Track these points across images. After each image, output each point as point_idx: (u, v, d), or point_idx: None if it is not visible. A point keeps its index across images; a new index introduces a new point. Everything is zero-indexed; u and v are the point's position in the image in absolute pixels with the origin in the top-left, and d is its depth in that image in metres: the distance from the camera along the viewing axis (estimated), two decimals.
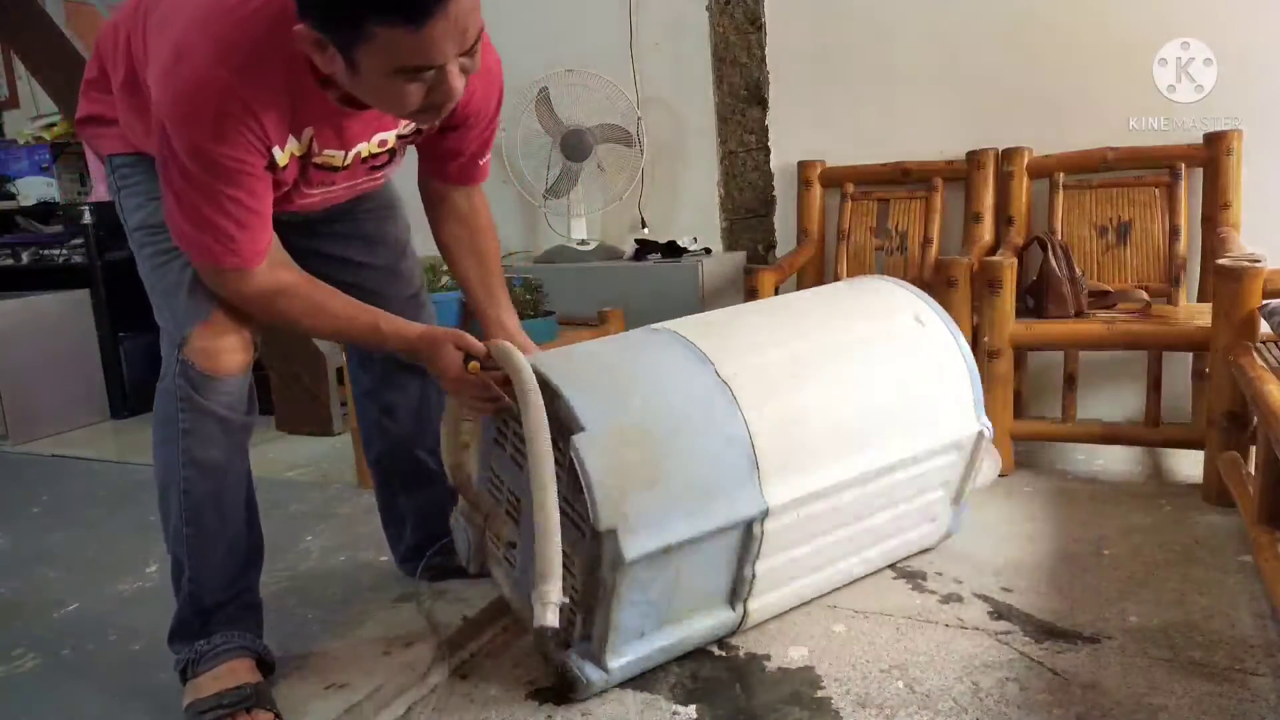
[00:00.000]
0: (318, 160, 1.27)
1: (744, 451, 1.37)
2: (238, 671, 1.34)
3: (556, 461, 1.34)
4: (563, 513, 1.35)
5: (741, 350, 1.47)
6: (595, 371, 1.42)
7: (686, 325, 1.53)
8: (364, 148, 1.32)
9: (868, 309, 1.66)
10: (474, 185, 1.53)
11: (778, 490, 1.39)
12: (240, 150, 1.16)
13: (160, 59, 1.14)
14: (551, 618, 1.19)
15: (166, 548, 1.40)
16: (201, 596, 1.37)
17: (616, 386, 1.38)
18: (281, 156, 1.21)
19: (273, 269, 1.27)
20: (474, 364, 1.35)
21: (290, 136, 1.21)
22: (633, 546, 1.25)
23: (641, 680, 1.41)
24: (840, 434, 1.47)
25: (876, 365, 1.55)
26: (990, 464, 1.79)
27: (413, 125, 1.35)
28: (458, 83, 1.12)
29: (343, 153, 1.29)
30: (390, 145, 1.35)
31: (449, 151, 1.45)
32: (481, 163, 1.50)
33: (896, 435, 1.52)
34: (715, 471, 1.35)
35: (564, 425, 1.29)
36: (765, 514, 1.38)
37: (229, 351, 1.33)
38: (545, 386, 1.31)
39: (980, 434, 1.62)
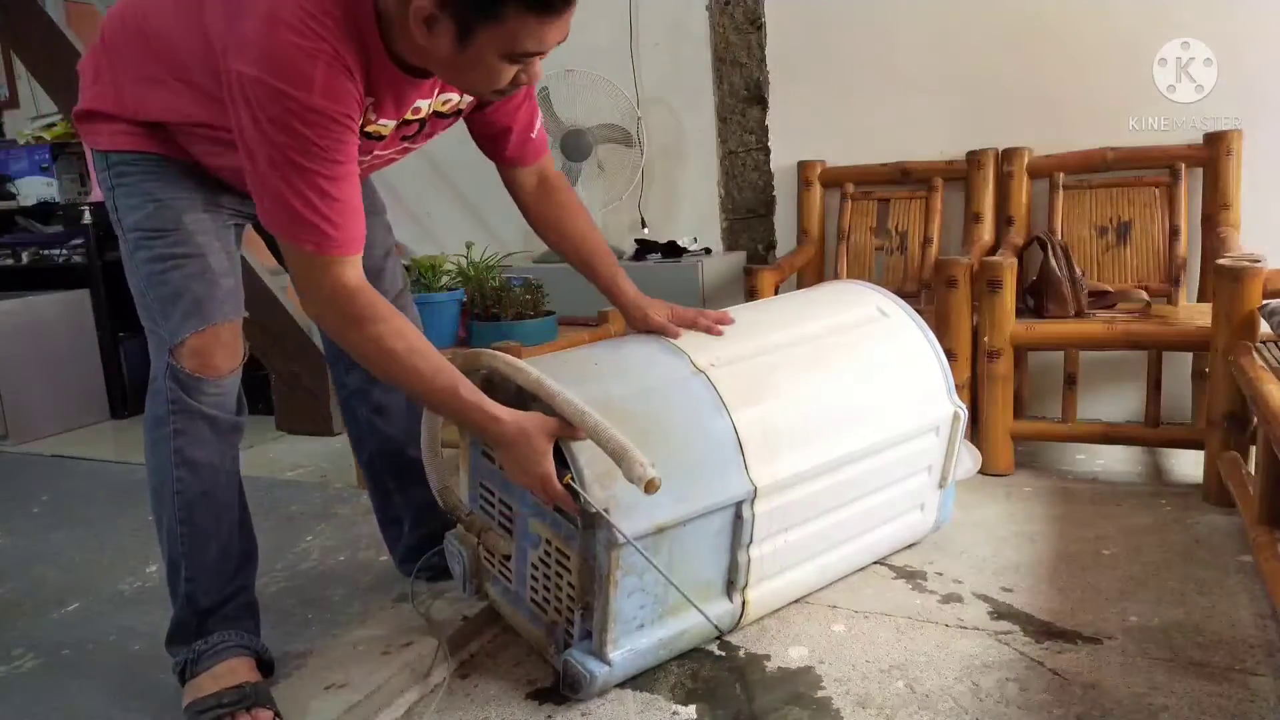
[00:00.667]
0: (369, 130, 1.28)
1: (728, 435, 1.40)
2: (237, 671, 1.34)
3: None
4: (554, 507, 1.36)
5: (714, 343, 1.52)
6: (574, 364, 1.46)
7: None
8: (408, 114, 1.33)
9: (833, 304, 1.73)
10: (539, 160, 1.54)
11: (764, 472, 1.41)
12: (348, 105, 1.15)
13: (250, 34, 1.12)
14: (653, 471, 1.17)
15: (161, 551, 1.40)
16: (198, 597, 1.37)
17: (597, 375, 1.41)
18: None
19: (363, 274, 1.24)
20: (568, 477, 1.27)
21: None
22: (625, 527, 1.26)
23: (641, 680, 1.41)
24: (821, 416, 1.50)
25: (848, 351, 1.61)
26: (969, 458, 1.86)
27: (453, 102, 1.36)
28: (539, 69, 1.21)
29: (393, 121, 1.30)
30: (423, 115, 1.35)
31: (500, 129, 1.48)
32: (534, 135, 1.52)
33: (875, 417, 1.56)
34: (701, 454, 1.37)
35: (548, 413, 1.30)
36: (753, 495, 1.39)
37: (220, 354, 1.33)
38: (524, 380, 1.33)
39: (955, 415, 1.66)
